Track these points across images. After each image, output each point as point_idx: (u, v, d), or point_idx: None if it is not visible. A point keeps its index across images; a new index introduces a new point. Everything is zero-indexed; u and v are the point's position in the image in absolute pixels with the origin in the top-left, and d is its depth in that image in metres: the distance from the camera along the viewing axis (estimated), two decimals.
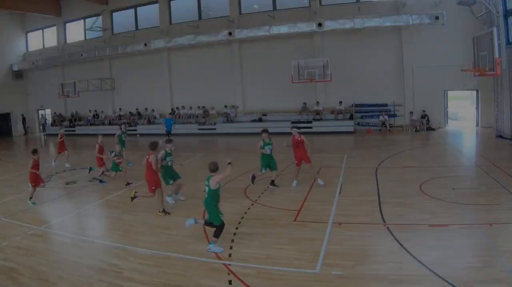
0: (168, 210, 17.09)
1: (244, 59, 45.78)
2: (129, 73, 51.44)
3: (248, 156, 27.32)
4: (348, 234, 13.79)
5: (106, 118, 52.59)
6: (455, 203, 16.24)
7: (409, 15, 35.96)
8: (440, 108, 40.05)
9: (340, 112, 41.32)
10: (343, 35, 40.74)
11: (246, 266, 11.77)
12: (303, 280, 10.92)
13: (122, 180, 22.68)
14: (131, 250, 13.25)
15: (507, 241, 12.57)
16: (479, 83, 33.44)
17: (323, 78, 38.46)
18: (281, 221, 15.41)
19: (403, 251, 12.18)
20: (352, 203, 17.28)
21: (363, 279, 10.81)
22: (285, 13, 42.81)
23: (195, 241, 13.82)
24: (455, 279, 10.17)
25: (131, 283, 11.09)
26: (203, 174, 20.60)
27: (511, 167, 21.93)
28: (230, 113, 45.13)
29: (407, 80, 40.07)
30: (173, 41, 44.90)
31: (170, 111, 48.65)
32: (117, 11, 52.66)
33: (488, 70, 27.61)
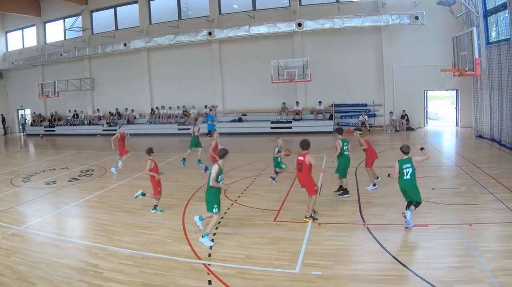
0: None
1: (224, 59, 45.07)
2: (108, 73, 50.53)
3: (229, 156, 26.21)
4: (327, 234, 13.70)
5: (85, 118, 51.72)
6: (435, 203, 16.20)
7: (389, 15, 35.83)
8: (420, 108, 39.60)
9: (320, 112, 40.73)
10: (323, 35, 40.36)
11: (225, 266, 11.74)
12: (283, 280, 10.87)
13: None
14: (111, 250, 13.14)
15: (487, 241, 12.51)
16: (459, 83, 32.85)
17: (303, 78, 38.35)
18: (260, 221, 15.27)
19: (382, 251, 12.16)
20: (332, 203, 17.14)
21: (342, 279, 10.73)
22: (265, 13, 42.29)
23: (175, 241, 13.74)
24: (434, 279, 10.22)
25: (111, 283, 10.99)
26: (183, 173, 22.73)
27: (491, 167, 22.25)
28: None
29: (387, 80, 39.65)
30: (153, 41, 44.30)
31: (150, 111, 48.13)
32: (97, 11, 51.62)
33: (468, 70, 27.26)
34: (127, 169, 26.03)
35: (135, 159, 29.78)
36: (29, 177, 25.71)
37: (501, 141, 28.41)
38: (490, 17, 30.25)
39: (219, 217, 13.84)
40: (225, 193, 18.75)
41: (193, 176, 23.38)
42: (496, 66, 28.83)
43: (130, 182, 22.97)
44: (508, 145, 27.18)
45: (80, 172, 26.28)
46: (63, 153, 35.89)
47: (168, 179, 21.48)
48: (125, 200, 18.91)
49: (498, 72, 28.39)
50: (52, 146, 42.92)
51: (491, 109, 30.17)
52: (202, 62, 45.49)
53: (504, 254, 11.49)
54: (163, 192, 17.57)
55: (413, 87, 38.48)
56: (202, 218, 14.03)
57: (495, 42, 29.56)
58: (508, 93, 27.00)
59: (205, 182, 14.29)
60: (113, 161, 28.38)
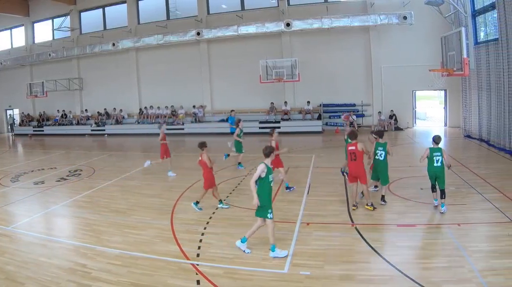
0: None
1: (212, 59, 44.64)
2: (97, 73, 49.98)
3: (216, 156, 26.25)
4: (316, 234, 13.61)
5: (74, 118, 51.14)
6: (424, 203, 16.12)
7: (377, 15, 35.69)
8: (408, 108, 39.35)
9: (308, 112, 40.46)
10: (311, 35, 40.03)
11: (214, 266, 11.64)
12: (271, 280, 10.78)
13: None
14: (99, 250, 13.02)
15: (475, 241, 12.44)
16: (447, 83, 32.76)
17: (291, 78, 38.01)
18: (249, 221, 14.68)
19: (371, 251, 12.12)
20: (320, 203, 16.99)
21: (331, 279, 10.64)
22: (253, 13, 41.96)
23: (163, 241, 13.63)
24: (423, 279, 10.18)
25: (99, 283, 10.89)
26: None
27: (479, 167, 22.23)
28: (198, 113, 44.19)
29: (375, 80, 39.47)
30: (141, 41, 43.95)
31: (138, 111, 47.75)
32: (85, 11, 51.05)
33: (456, 70, 27.01)
34: (115, 169, 26.10)
35: (123, 159, 30.39)
36: (18, 176, 25.41)
37: (489, 142, 28.29)
38: (479, 17, 30.00)
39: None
40: (213, 193, 18.19)
41: (181, 176, 23.18)
42: (484, 66, 28.58)
43: (118, 182, 22.78)
44: (496, 145, 27.03)
45: (69, 172, 25.94)
46: (51, 153, 35.51)
47: (156, 179, 22.44)
48: (113, 200, 18.89)
49: (487, 72, 28.18)
50: (41, 146, 42.57)
51: (480, 109, 30.00)
52: (190, 62, 45.04)
53: (493, 254, 11.44)
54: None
55: (402, 87, 38.28)
56: (246, 239, 12.63)
57: (483, 42, 29.25)
58: (497, 93, 26.82)
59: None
60: (101, 161, 29.00)
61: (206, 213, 16.23)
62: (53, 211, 17.88)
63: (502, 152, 25.76)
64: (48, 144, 44.61)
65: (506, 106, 25.45)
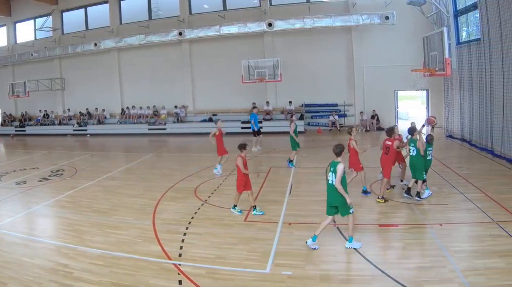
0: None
1: (194, 59, 43.89)
2: (79, 73, 49.10)
3: (199, 156, 29.01)
4: (298, 234, 13.61)
5: (56, 118, 50.34)
6: (406, 203, 16.26)
7: (359, 15, 35.40)
8: (390, 108, 38.78)
9: (290, 112, 39.14)
10: (293, 35, 39.58)
11: (196, 266, 11.62)
12: (253, 280, 10.80)
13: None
14: (81, 250, 12.98)
15: (457, 241, 12.51)
16: (429, 83, 32.65)
17: (273, 78, 37.61)
18: (231, 221, 15.21)
19: (353, 251, 12.11)
20: (302, 203, 17.03)
21: (313, 279, 10.66)
22: (235, 13, 41.30)
23: (145, 241, 13.61)
24: (405, 279, 10.23)
25: (81, 283, 10.86)
26: (153, 173, 23.80)
27: (461, 167, 22.29)
28: (180, 113, 43.42)
29: (357, 80, 39.00)
30: (123, 41, 43.33)
31: (120, 111, 47.07)
32: (67, 11, 50.15)
33: (438, 70, 26.72)
34: (97, 169, 25.99)
35: (105, 159, 30.28)
36: (0, 177, 25.07)
37: (471, 142, 28.29)
38: (461, 17, 29.88)
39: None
40: (196, 193, 18.97)
41: (163, 176, 23.18)
42: (466, 66, 28.52)
43: (100, 182, 22.63)
44: (478, 145, 27.06)
45: (51, 172, 25.69)
46: (33, 153, 34.98)
47: (138, 179, 22.61)
48: (95, 200, 18.82)
49: (469, 72, 28.15)
50: (23, 146, 42.12)
51: (462, 109, 29.92)
52: (172, 62, 44.49)
53: (474, 254, 11.50)
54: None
55: (384, 87, 37.87)
56: (316, 236, 12.56)
57: (465, 42, 29.18)
58: (479, 94, 26.73)
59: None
60: (83, 161, 28.98)
61: (188, 213, 16.18)
62: (35, 211, 17.73)
63: (484, 151, 25.77)
64: (30, 144, 44.08)
65: (488, 107, 25.40)
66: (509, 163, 21.61)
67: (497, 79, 24.09)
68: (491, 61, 24.66)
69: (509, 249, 11.59)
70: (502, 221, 13.68)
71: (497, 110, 24.38)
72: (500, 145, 24.06)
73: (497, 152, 24.36)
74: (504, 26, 22.69)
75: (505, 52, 22.94)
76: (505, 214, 14.39)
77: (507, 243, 12.01)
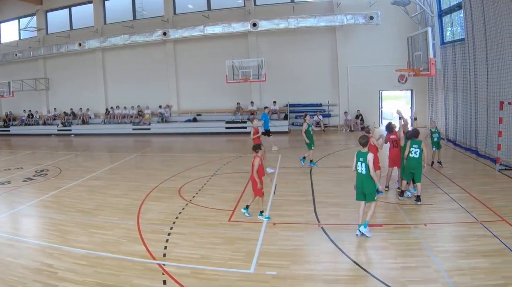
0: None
1: (179, 59, 43.54)
2: (63, 73, 48.45)
3: (184, 156, 29.29)
4: (282, 234, 13.49)
5: (40, 118, 49.55)
6: (390, 203, 16.17)
7: (344, 15, 35.16)
8: (374, 108, 38.70)
9: (275, 112, 39.66)
10: (277, 35, 39.32)
11: (180, 266, 11.48)
12: (238, 280, 10.67)
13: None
14: (65, 250, 12.78)
15: (441, 241, 12.41)
16: (414, 84, 32.60)
17: (258, 78, 37.37)
18: (215, 221, 15.02)
19: (338, 251, 12.03)
20: (286, 203, 16.83)
21: (297, 279, 10.56)
22: (219, 13, 40.98)
23: (129, 241, 13.40)
24: (390, 279, 10.14)
25: (65, 283, 10.68)
26: (138, 173, 23.80)
27: (446, 167, 22.18)
28: (164, 113, 42.98)
29: (341, 80, 38.75)
30: (108, 41, 42.65)
31: (104, 111, 46.47)
32: (52, 11, 49.45)
33: (423, 70, 26.69)
34: (81, 169, 25.64)
35: (89, 159, 29.95)
36: None
37: (455, 142, 28.31)
38: (445, 17, 29.79)
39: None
40: (180, 192, 18.83)
41: (148, 176, 22.90)
42: (451, 66, 28.46)
43: (84, 182, 22.28)
44: (462, 145, 27.04)
45: (35, 172, 25.29)
46: (17, 153, 34.54)
47: (122, 179, 22.35)
48: (79, 200, 18.54)
49: (453, 72, 28.09)
50: (7, 146, 41.33)
51: (446, 109, 29.89)
52: (157, 62, 44.03)
53: (459, 254, 11.39)
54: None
55: (368, 87, 37.76)
56: (367, 223, 12.97)
57: (449, 42, 29.14)
58: (463, 94, 26.73)
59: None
60: (68, 161, 28.66)
61: (172, 213, 16.00)
62: (19, 211, 17.49)
63: (468, 151, 25.81)
64: (14, 143, 43.36)
65: (472, 106, 25.37)
66: (493, 163, 21.26)
67: (481, 79, 23.97)
68: (476, 61, 24.53)
69: (493, 249, 11.52)
70: (486, 221, 13.63)
71: (481, 110, 24.28)
72: (484, 145, 23.97)
73: (481, 152, 24.26)
74: (489, 26, 22.57)
75: (489, 52, 22.82)
76: (489, 214, 14.32)
77: (491, 243, 11.94)
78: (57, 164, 27.78)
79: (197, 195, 18.67)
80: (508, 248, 11.51)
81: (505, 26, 20.71)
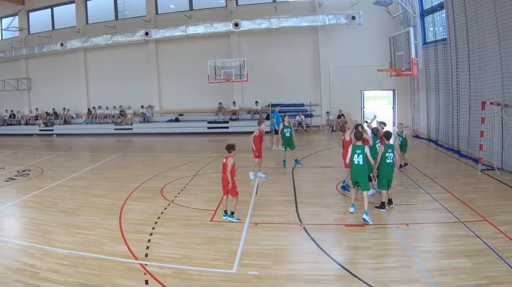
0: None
1: (161, 59, 43.00)
2: (46, 73, 47.54)
3: (165, 156, 29.30)
4: (264, 234, 13.46)
5: (22, 118, 48.71)
6: (372, 203, 15.57)
7: (326, 15, 35.03)
8: (356, 108, 38.18)
9: (257, 112, 39.34)
10: (259, 35, 38.96)
11: (162, 266, 11.42)
12: (220, 280, 10.65)
13: None
14: (47, 250, 12.65)
15: (423, 241, 12.50)
16: (396, 84, 32.31)
17: (240, 78, 36.93)
18: (197, 221, 14.95)
19: (319, 251, 12.01)
20: (268, 203, 16.78)
21: (279, 279, 10.55)
22: (201, 13, 40.52)
23: (111, 241, 13.30)
24: (371, 279, 10.14)
25: (47, 283, 10.57)
26: (119, 173, 23.75)
27: (428, 167, 22.21)
28: (146, 113, 42.46)
29: (323, 80, 38.53)
30: (90, 41, 41.98)
31: (86, 111, 45.74)
32: (34, 11, 48.61)
33: (405, 70, 26.38)
34: (63, 169, 25.39)
35: (71, 159, 29.80)
36: None
37: (437, 141, 28.44)
38: (427, 17, 29.88)
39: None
40: (162, 193, 18.75)
41: (129, 176, 22.75)
42: (433, 66, 28.46)
43: (66, 182, 22.03)
44: (444, 145, 27.08)
45: (17, 172, 25.00)
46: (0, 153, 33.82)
47: (104, 179, 22.25)
48: (61, 200, 18.36)
49: (435, 72, 28.11)
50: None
51: (428, 109, 29.86)
52: (139, 62, 43.43)
53: (440, 254, 11.45)
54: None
55: (350, 87, 37.66)
56: (367, 211, 13.78)
57: (432, 42, 29.16)
58: (445, 94, 26.71)
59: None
60: (50, 161, 28.39)
61: (154, 213, 15.87)
62: (1, 211, 17.28)
63: (450, 151, 25.80)
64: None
65: (454, 106, 25.43)
66: (476, 163, 21.35)
67: (463, 79, 23.93)
68: (458, 61, 24.51)
69: (475, 249, 11.54)
70: (468, 221, 13.64)
71: (463, 110, 24.24)
72: (466, 145, 23.99)
73: (463, 152, 24.27)
74: (471, 26, 22.52)
75: (471, 52, 22.80)
76: (471, 214, 14.34)
77: (473, 243, 11.95)
78: (39, 164, 27.45)
79: (179, 195, 18.55)
80: (490, 248, 11.49)
81: (487, 26, 20.62)
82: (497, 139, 20.50)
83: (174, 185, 20.21)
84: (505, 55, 19.48)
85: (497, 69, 20.16)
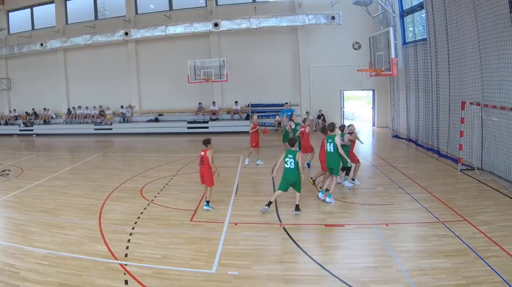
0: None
1: (141, 59, 42.37)
2: (25, 73, 46.78)
3: (145, 156, 29.20)
4: (244, 234, 13.43)
5: (2, 118, 47.65)
6: (352, 203, 16.13)
7: (305, 15, 34.65)
8: (336, 108, 38.05)
9: (237, 112, 39.03)
10: (239, 35, 38.58)
11: (142, 266, 11.34)
12: (200, 280, 10.55)
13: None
14: (27, 250, 12.52)
15: (403, 241, 12.49)
16: (376, 84, 32.15)
17: (220, 78, 36.79)
18: (177, 221, 14.83)
19: (299, 251, 11.99)
20: (248, 203, 16.69)
21: (259, 279, 10.49)
22: (181, 13, 39.98)
23: (91, 241, 13.16)
24: (351, 279, 10.13)
25: (27, 283, 10.46)
26: (99, 173, 23.47)
27: (407, 167, 22.18)
28: (126, 113, 41.91)
29: (303, 80, 38.14)
30: (69, 41, 41.07)
31: (66, 111, 44.92)
32: (13, 11, 47.71)
33: (385, 70, 26.21)
34: (43, 169, 25.06)
35: (50, 159, 29.32)
36: None
37: (417, 142, 28.12)
38: (407, 17, 29.65)
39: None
40: (141, 193, 18.61)
41: (109, 176, 22.57)
42: (412, 66, 28.21)
43: (46, 182, 21.73)
44: (424, 145, 26.85)
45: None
46: None
47: (84, 179, 21.89)
48: (41, 200, 18.10)
49: (415, 72, 27.86)
50: None
51: (408, 109, 29.69)
52: (118, 62, 42.82)
53: (420, 254, 11.44)
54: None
55: (330, 87, 37.39)
56: (331, 194, 15.32)
57: (411, 42, 28.90)
58: (425, 94, 26.54)
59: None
60: (30, 161, 28.17)
61: (134, 213, 15.75)
62: None
63: (430, 151, 25.66)
64: None
65: (434, 106, 25.34)
66: (455, 163, 21.30)
67: (443, 79, 23.82)
68: (437, 61, 24.41)
69: (455, 249, 11.57)
70: (448, 221, 13.71)
71: (443, 110, 24.11)
72: (446, 145, 23.92)
73: (443, 152, 24.13)
74: (450, 26, 22.43)
75: (451, 52, 22.70)
76: (451, 214, 14.38)
77: (452, 243, 11.98)
78: (19, 164, 27.13)
79: (159, 195, 18.40)
80: (470, 248, 11.53)
81: (466, 26, 20.46)
82: (476, 139, 20.34)
83: (154, 185, 20.02)
84: (485, 55, 19.30)
85: (476, 69, 19.94)
